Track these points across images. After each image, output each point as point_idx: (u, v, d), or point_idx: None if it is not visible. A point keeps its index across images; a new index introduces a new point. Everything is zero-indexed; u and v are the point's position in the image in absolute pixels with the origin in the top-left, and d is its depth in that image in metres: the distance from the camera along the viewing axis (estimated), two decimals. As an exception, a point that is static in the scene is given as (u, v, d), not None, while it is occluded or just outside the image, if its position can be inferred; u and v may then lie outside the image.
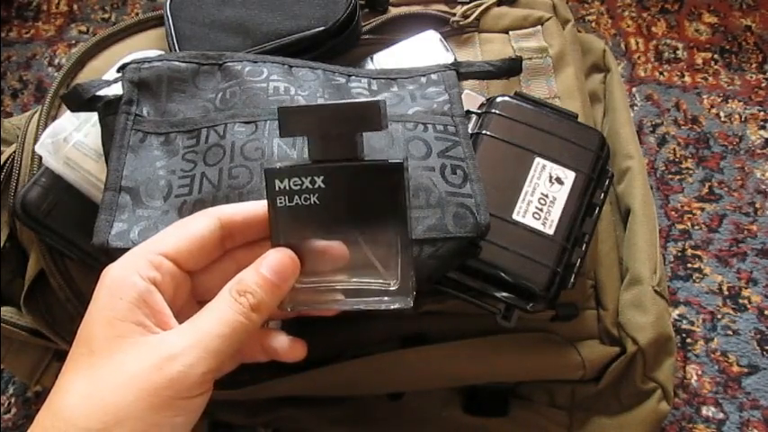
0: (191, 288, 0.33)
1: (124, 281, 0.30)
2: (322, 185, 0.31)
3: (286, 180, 0.31)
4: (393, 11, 0.57)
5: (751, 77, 0.79)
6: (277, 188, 0.31)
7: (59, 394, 0.28)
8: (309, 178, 0.31)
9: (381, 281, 0.32)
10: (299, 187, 0.31)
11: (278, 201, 0.31)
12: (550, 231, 0.45)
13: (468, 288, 0.45)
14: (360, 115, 0.31)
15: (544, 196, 0.46)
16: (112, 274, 0.30)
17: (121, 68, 0.45)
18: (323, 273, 0.33)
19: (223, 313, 0.30)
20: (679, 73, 0.80)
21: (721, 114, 0.77)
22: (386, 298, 0.33)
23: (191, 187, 0.41)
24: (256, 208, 0.33)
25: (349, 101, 0.30)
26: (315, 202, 0.31)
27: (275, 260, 0.31)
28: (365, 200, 0.32)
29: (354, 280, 0.33)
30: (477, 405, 0.54)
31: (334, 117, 0.31)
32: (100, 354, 0.28)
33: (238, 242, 0.34)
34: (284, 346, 0.34)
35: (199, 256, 0.32)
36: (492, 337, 0.49)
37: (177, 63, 0.46)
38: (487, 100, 0.50)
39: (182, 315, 0.31)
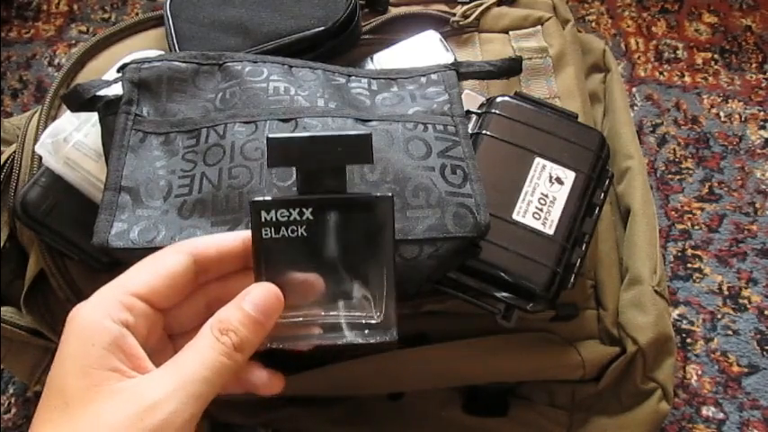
0: (163, 325, 0.32)
1: (95, 325, 0.28)
2: (310, 217, 0.30)
3: (273, 211, 0.30)
4: (393, 11, 0.57)
5: (751, 77, 0.79)
6: (263, 219, 0.30)
7: None
8: (298, 210, 0.30)
9: (364, 314, 0.32)
10: (286, 219, 0.30)
11: (263, 232, 0.31)
12: (550, 231, 0.45)
13: (468, 288, 0.45)
14: (349, 148, 0.30)
15: (544, 196, 0.46)
16: (82, 318, 0.28)
17: (121, 68, 0.45)
18: (303, 306, 0.32)
19: (205, 354, 0.28)
20: (679, 73, 0.80)
21: (721, 114, 0.77)
22: (367, 331, 0.32)
23: (191, 187, 0.41)
24: (230, 240, 0.32)
25: (338, 133, 0.30)
26: (302, 234, 0.31)
27: (259, 296, 0.30)
28: (352, 232, 0.31)
29: (334, 313, 0.32)
30: (477, 405, 0.54)
31: (323, 149, 0.30)
32: (75, 406, 0.26)
33: (211, 276, 0.32)
34: (262, 380, 0.33)
35: (172, 294, 0.31)
36: (492, 337, 0.49)
37: (177, 63, 0.46)
38: (487, 100, 0.50)
39: (155, 352, 0.30)
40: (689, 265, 0.69)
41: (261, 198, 0.31)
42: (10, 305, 0.52)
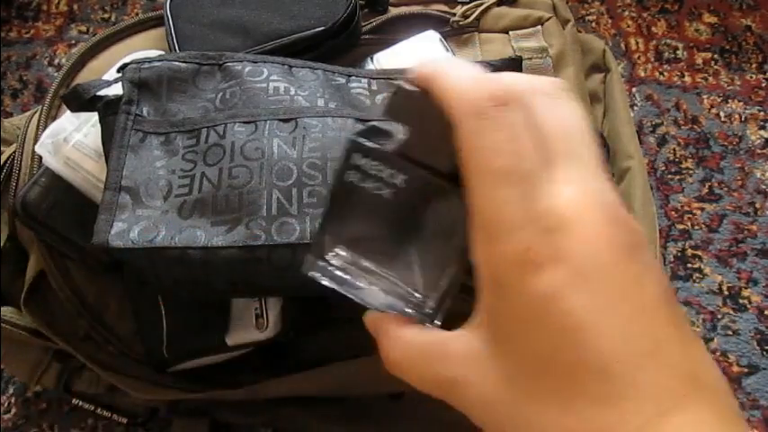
0: None
1: None
2: (401, 185, 0.27)
3: (368, 160, 0.27)
4: (393, 11, 0.56)
5: (751, 77, 0.79)
6: (354, 162, 0.27)
7: None
8: (392, 171, 0.27)
9: (419, 297, 0.30)
10: (375, 173, 0.27)
11: (347, 174, 0.28)
12: (550, 231, 0.45)
13: (469, 287, 0.45)
14: None
15: (544, 196, 0.46)
16: None
17: (121, 68, 0.45)
18: (367, 256, 0.29)
19: None
20: (679, 73, 0.80)
21: (721, 114, 0.77)
22: (412, 312, 0.30)
23: (191, 187, 0.41)
24: None
25: None
26: (385, 196, 0.28)
27: None
28: (435, 218, 0.28)
29: (394, 280, 0.29)
30: (477, 405, 0.54)
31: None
32: None
33: None
34: None
35: None
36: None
37: (177, 63, 0.46)
38: (487, 100, 0.50)
39: None
40: (689, 265, 0.69)
41: (361, 140, 0.28)
42: (10, 305, 0.52)
